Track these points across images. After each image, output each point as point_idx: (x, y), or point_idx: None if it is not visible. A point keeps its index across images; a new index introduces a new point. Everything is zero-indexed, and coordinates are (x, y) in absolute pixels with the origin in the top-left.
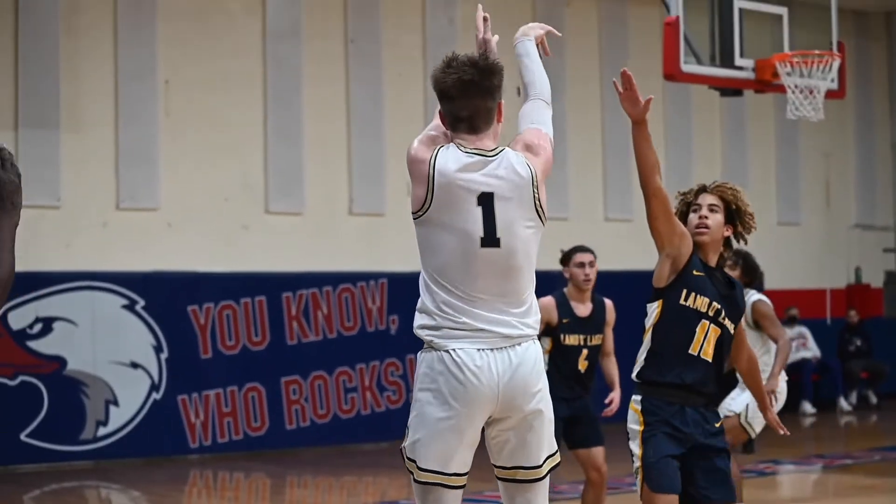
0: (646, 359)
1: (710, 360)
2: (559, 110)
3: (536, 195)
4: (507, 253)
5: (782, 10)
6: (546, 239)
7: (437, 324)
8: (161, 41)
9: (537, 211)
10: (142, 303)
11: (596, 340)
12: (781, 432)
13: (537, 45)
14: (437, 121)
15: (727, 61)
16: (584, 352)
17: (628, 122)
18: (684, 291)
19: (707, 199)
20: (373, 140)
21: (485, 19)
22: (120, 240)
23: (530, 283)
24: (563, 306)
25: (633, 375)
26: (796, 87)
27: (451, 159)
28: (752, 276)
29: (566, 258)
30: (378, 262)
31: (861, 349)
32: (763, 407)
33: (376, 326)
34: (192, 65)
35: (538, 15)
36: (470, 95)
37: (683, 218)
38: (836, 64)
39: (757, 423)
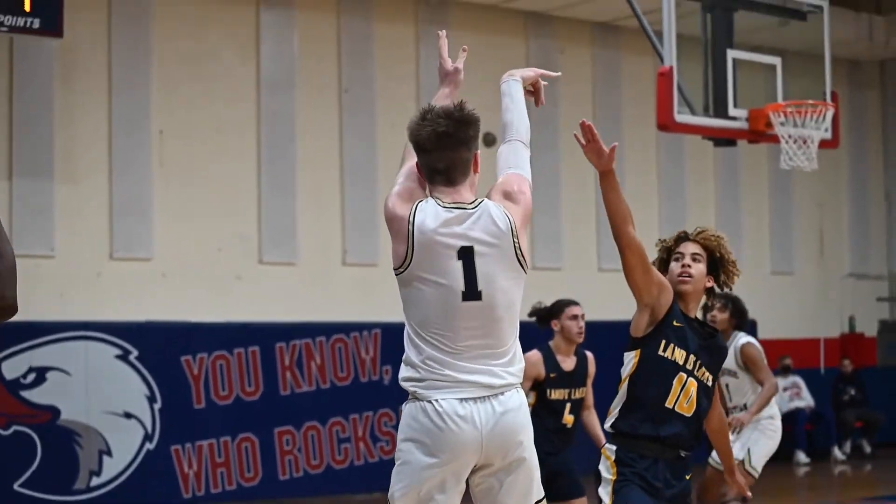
0: (620, 410)
1: (686, 415)
2: (553, 158)
3: (517, 245)
4: (489, 305)
5: (776, 60)
6: (540, 290)
7: (422, 376)
8: (155, 91)
9: (519, 261)
10: (135, 353)
11: (580, 394)
12: (748, 496)
13: (529, 91)
14: (410, 164)
15: (721, 111)
16: (569, 406)
17: (623, 172)
18: (663, 342)
19: (690, 248)
20: (366, 190)
21: (463, 49)
22: (114, 290)
23: (513, 333)
24: (550, 360)
25: (607, 426)
26: (790, 137)
27: (429, 215)
28: (741, 319)
29: (556, 311)
30: (371, 313)
31: (855, 398)
32: (727, 470)
33: (370, 377)
34: (186, 115)
35: (531, 62)
36: (446, 148)
37: (664, 266)
38: (829, 114)
39: (759, 465)
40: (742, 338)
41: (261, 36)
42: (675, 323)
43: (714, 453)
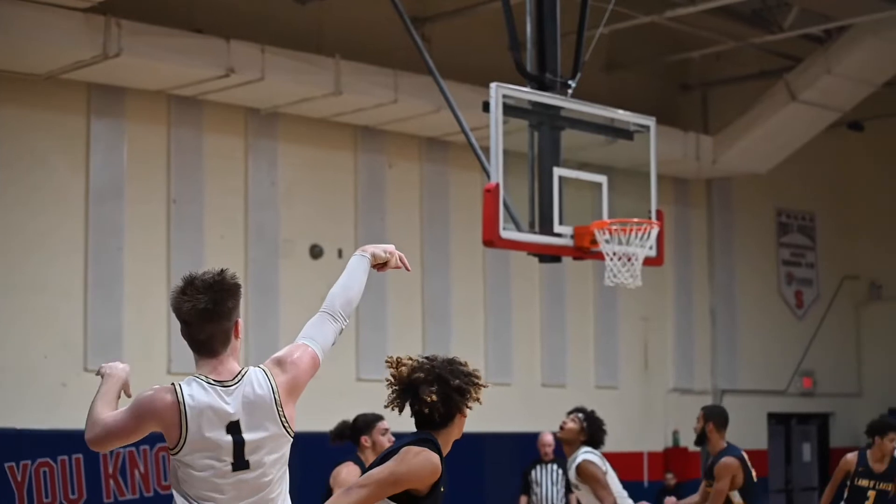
0: None
1: None
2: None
3: (280, 412)
4: (258, 473)
5: (602, 179)
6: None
7: None
8: None
9: (284, 426)
10: None
11: None
12: None
13: (380, 265)
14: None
15: (546, 228)
16: None
17: (449, 286)
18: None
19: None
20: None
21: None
22: None
23: (284, 492)
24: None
25: None
26: (614, 254)
27: (196, 396)
28: (593, 434)
29: (368, 425)
30: None
31: None
32: None
33: None
34: (11, 223)
35: (360, 177)
36: (205, 321)
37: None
38: (654, 232)
39: None
40: (582, 454)
41: (91, 145)
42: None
43: None
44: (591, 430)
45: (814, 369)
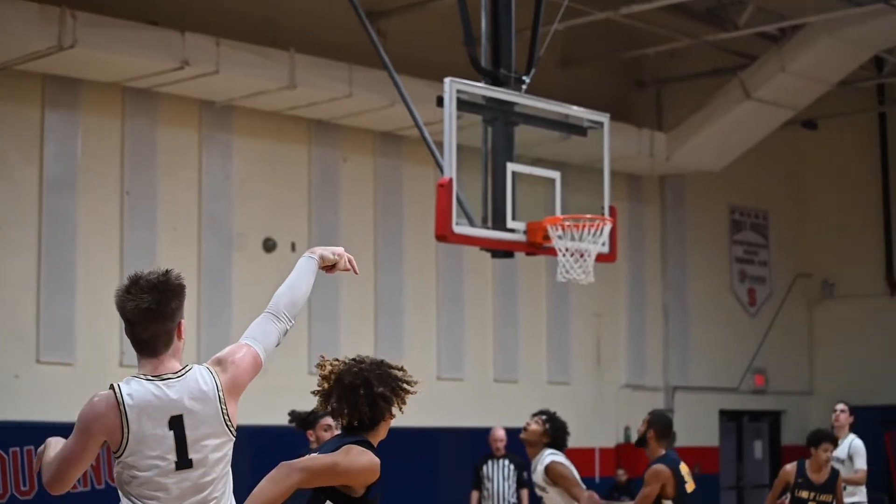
0: None
1: None
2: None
3: (223, 409)
4: (201, 472)
5: (555, 174)
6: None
7: None
8: None
9: (226, 424)
10: None
11: None
12: None
13: (328, 267)
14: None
15: (499, 223)
16: None
17: (402, 280)
18: None
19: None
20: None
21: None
22: None
23: (227, 492)
24: None
25: None
26: (567, 250)
27: (135, 393)
28: (556, 436)
29: (312, 421)
30: None
31: None
32: None
33: None
34: None
35: (314, 170)
36: (149, 321)
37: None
38: (606, 228)
39: None
40: (548, 455)
41: (45, 136)
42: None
43: None
44: (555, 433)
45: (766, 367)
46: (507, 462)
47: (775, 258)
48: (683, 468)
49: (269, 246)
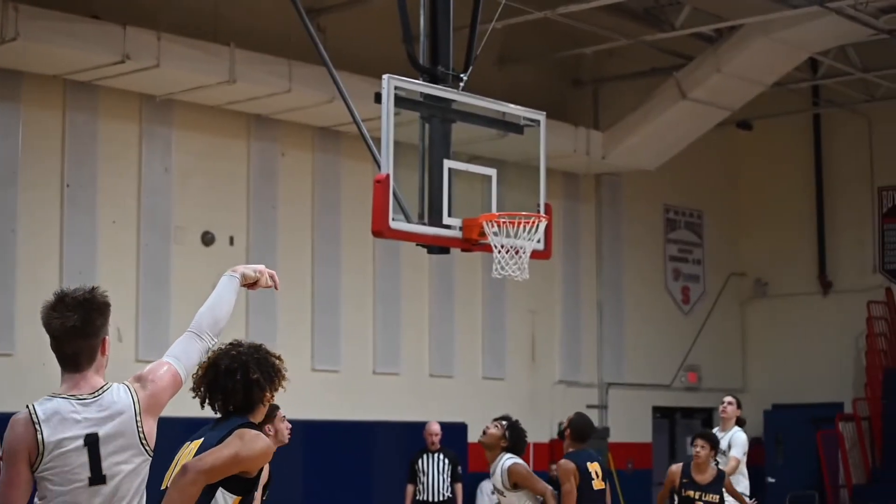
0: None
1: None
2: (269, 261)
3: (140, 428)
4: (113, 489)
5: (491, 171)
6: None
7: None
8: None
9: (141, 442)
10: None
11: None
12: None
13: (257, 280)
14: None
15: (435, 220)
16: None
17: (339, 275)
18: None
19: None
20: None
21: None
22: None
23: None
24: None
25: None
26: (502, 246)
27: (50, 411)
28: (515, 442)
29: (269, 415)
30: None
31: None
32: None
33: None
34: None
35: (253, 165)
36: (74, 338)
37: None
38: (542, 225)
39: None
40: (507, 459)
41: None
42: None
43: None
44: (513, 438)
45: (699, 364)
46: (441, 456)
47: (709, 257)
48: (592, 467)
49: (207, 239)
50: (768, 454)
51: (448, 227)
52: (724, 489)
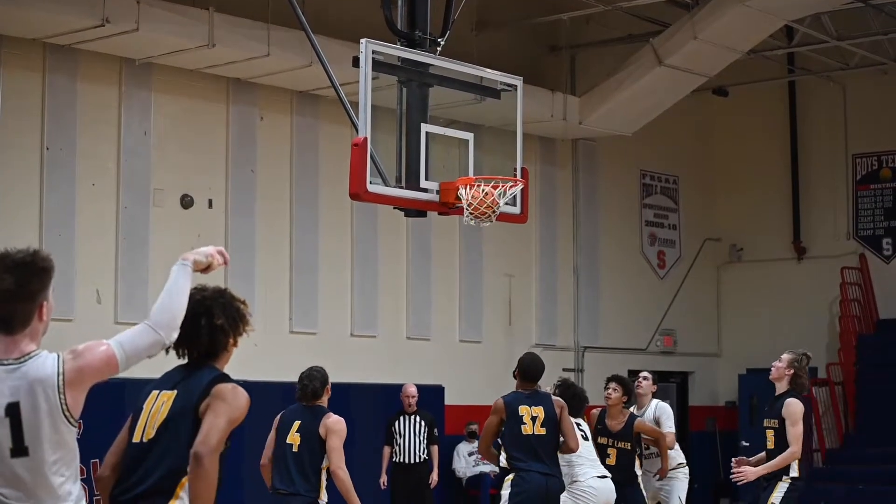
0: None
1: None
2: (248, 224)
3: (62, 399)
4: (38, 459)
5: (468, 136)
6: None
7: None
8: None
9: (64, 413)
10: None
11: None
12: None
13: (210, 264)
14: None
15: (412, 183)
16: None
17: (317, 238)
18: None
19: None
20: (64, 250)
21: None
22: None
23: (69, 479)
24: None
25: None
26: (473, 198)
27: None
28: (573, 401)
29: None
30: None
31: None
32: None
33: None
34: None
35: (232, 127)
36: (8, 300)
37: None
38: (517, 189)
39: None
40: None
41: None
42: None
43: None
44: (567, 398)
45: (674, 329)
46: (418, 418)
47: (685, 222)
48: (524, 409)
49: (186, 202)
50: (742, 418)
51: (425, 190)
52: (640, 433)
